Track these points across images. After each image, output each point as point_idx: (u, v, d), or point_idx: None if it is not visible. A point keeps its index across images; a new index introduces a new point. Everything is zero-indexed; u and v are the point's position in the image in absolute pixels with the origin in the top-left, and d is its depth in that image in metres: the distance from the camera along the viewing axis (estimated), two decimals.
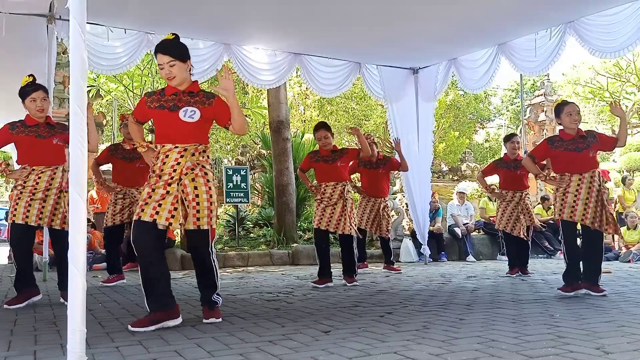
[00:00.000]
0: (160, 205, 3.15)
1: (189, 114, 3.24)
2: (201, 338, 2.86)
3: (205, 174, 3.28)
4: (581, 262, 4.55)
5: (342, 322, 3.31)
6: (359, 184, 7.44)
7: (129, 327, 3.09)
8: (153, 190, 3.19)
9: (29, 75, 4.25)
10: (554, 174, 4.67)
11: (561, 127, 4.71)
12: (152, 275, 3.20)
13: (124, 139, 5.92)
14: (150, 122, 3.95)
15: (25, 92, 4.17)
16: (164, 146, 3.26)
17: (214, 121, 3.42)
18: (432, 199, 9.57)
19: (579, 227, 4.66)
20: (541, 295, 4.54)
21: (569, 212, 4.45)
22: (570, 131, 4.56)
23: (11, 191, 4.39)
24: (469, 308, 3.85)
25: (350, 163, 6.00)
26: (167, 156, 3.23)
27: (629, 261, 8.72)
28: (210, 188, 3.28)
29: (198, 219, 3.22)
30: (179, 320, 3.22)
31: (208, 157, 3.36)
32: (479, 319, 3.34)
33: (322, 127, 5.66)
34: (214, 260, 3.40)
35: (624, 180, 12.28)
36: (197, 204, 3.22)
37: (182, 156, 3.22)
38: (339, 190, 5.51)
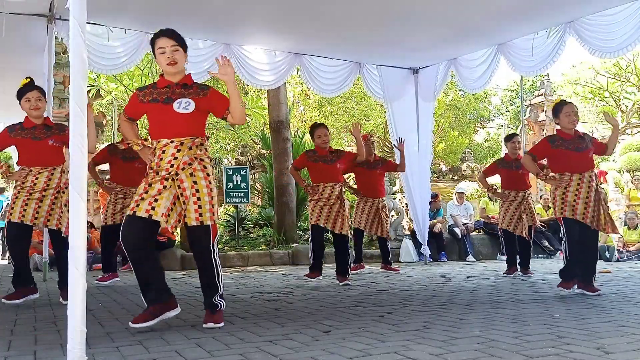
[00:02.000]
0: (156, 200, 3.05)
1: (184, 106, 3.13)
2: (201, 338, 2.86)
3: (205, 167, 3.17)
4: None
5: (342, 322, 3.31)
6: (354, 186, 7.43)
7: (130, 324, 3.04)
8: (150, 185, 3.10)
9: (26, 77, 4.27)
10: (553, 174, 4.68)
11: (558, 127, 4.72)
12: (146, 271, 3.13)
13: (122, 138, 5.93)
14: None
15: (21, 93, 4.21)
16: (159, 141, 3.16)
17: (211, 114, 3.32)
18: (436, 200, 9.61)
19: None
20: (541, 295, 4.54)
21: (570, 210, 4.47)
22: (568, 131, 4.59)
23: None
24: (469, 308, 3.85)
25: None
26: (163, 151, 3.13)
27: (617, 260, 8.75)
28: (210, 182, 3.17)
29: (200, 215, 3.12)
30: (178, 310, 3.20)
31: (206, 150, 3.23)
32: (479, 319, 3.34)
33: (321, 125, 5.81)
34: (215, 259, 3.23)
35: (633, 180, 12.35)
36: (198, 199, 3.11)
37: (178, 150, 3.11)
38: (337, 191, 5.60)
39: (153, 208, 3.05)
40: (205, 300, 3.30)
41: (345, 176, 7.26)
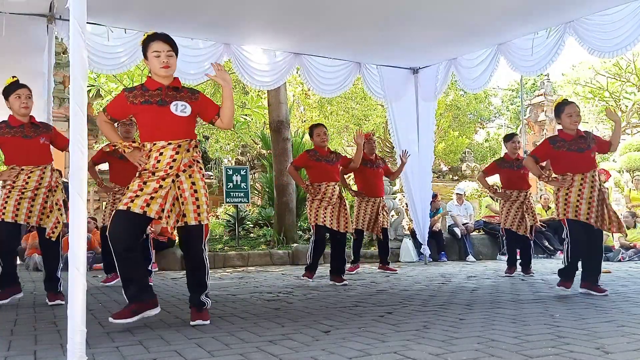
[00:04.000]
0: (152, 198, 3.10)
1: (181, 108, 3.20)
2: (201, 338, 2.86)
3: (201, 169, 3.30)
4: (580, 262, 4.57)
5: (342, 322, 3.31)
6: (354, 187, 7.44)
7: (110, 319, 3.06)
8: (145, 183, 3.13)
9: (12, 77, 4.23)
10: (555, 175, 4.67)
11: (560, 127, 4.72)
12: (130, 267, 3.14)
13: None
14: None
15: (9, 90, 4.15)
16: (155, 143, 3.17)
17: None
18: (435, 200, 9.60)
19: None
20: (541, 295, 4.54)
21: (574, 212, 4.45)
22: (570, 132, 4.57)
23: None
24: (469, 308, 3.85)
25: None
26: (161, 153, 3.16)
27: (619, 260, 8.75)
28: (205, 183, 3.32)
29: (199, 214, 3.21)
30: (158, 309, 3.23)
31: (199, 152, 3.35)
32: (479, 319, 3.34)
33: (321, 124, 6.00)
34: (205, 258, 3.33)
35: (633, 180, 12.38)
36: (197, 199, 3.21)
37: (177, 152, 3.17)
38: (337, 190, 5.72)
39: (148, 205, 3.09)
40: (193, 298, 3.34)
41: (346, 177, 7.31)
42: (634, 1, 5.50)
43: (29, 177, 4.15)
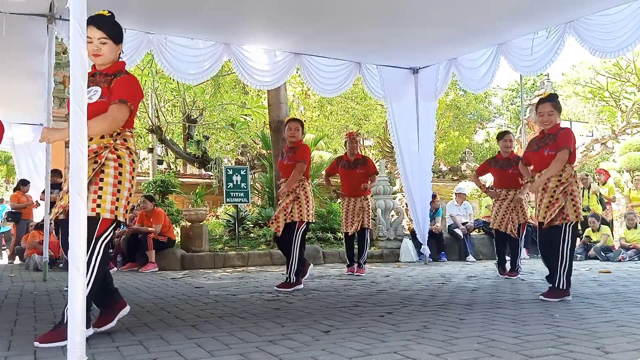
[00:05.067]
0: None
1: (90, 94, 2.85)
2: (201, 338, 2.86)
3: (118, 157, 2.88)
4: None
5: (342, 322, 3.31)
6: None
7: (94, 329, 2.96)
8: None
9: None
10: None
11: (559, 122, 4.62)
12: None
13: None
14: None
15: None
16: None
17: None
18: (434, 200, 9.59)
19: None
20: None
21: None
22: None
23: None
24: (469, 308, 3.85)
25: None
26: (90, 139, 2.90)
27: (619, 260, 8.73)
28: (120, 174, 2.86)
29: (99, 205, 2.78)
30: (126, 310, 3.13)
31: (125, 140, 2.94)
32: (479, 319, 3.34)
33: (292, 119, 5.55)
34: (96, 254, 2.80)
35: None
36: (100, 188, 2.81)
37: (91, 139, 2.79)
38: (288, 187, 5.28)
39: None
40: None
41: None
42: (634, 1, 5.50)
43: None
